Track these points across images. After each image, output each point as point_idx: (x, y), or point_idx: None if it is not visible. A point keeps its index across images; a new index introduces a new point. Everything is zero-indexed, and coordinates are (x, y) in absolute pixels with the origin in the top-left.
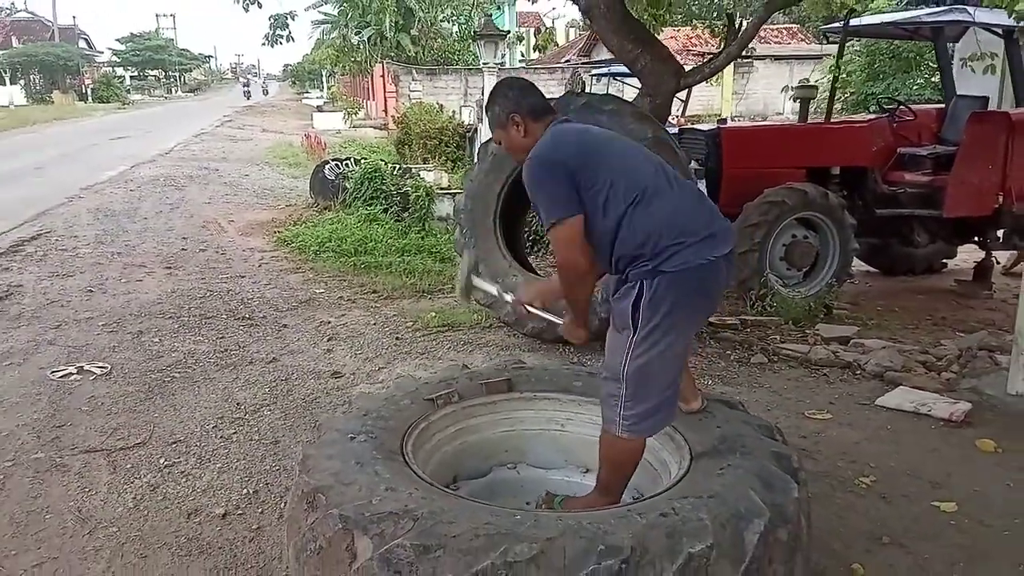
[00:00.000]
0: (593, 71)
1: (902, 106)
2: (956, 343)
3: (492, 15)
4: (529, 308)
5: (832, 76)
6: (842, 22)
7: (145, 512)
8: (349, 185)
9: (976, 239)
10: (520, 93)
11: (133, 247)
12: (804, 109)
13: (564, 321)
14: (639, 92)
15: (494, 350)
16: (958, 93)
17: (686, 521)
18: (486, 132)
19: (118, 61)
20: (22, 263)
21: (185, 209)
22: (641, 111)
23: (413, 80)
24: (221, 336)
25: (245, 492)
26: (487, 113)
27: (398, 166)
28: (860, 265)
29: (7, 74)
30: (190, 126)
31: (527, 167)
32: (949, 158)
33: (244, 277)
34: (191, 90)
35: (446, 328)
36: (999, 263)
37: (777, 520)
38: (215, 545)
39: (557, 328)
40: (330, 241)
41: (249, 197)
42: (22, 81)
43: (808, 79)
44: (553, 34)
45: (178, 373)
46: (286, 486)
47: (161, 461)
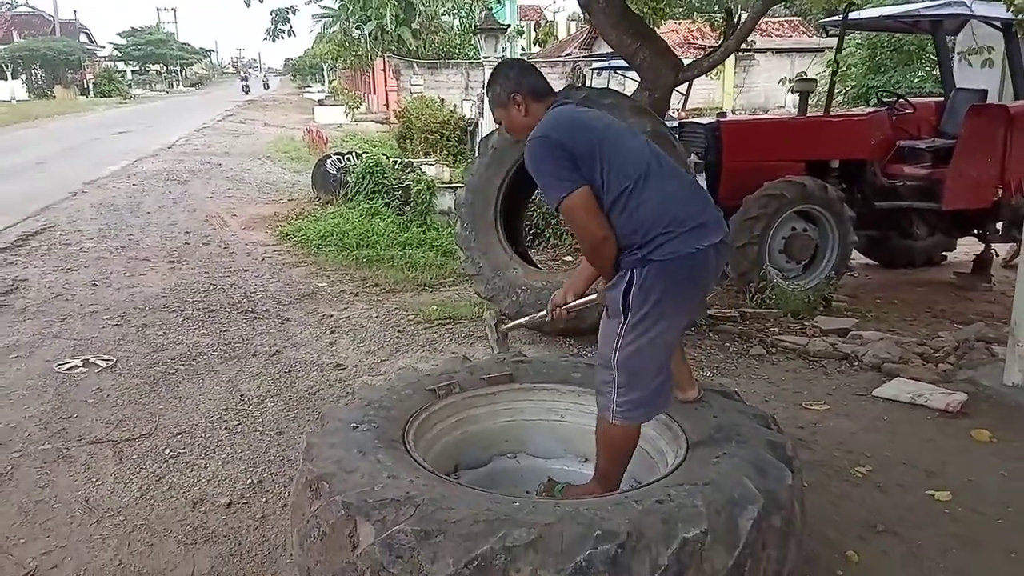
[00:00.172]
0: (594, 65)
1: (901, 99)
2: (953, 335)
3: (493, 9)
4: (566, 308)
5: (831, 69)
6: (842, 15)
7: (151, 501)
8: (351, 179)
9: (975, 232)
10: (521, 73)
11: (136, 241)
12: (803, 102)
13: (599, 291)
14: (638, 86)
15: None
16: (957, 86)
17: (681, 507)
18: (487, 126)
19: (119, 55)
20: (27, 257)
21: (188, 203)
22: (640, 105)
23: (414, 74)
24: (225, 329)
25: (249, 482)
26: (488, 93)
27: (399, 160)
28: (859, 258)
29: (8, 69)
30: (192, 120)
31: (528, 148)
32: (948, 151)
33: (247, 271)
34: (192, 84)
35: (447, 321)
36: (998, 255)
37: (771, 506)
38: (220, 533)
39: (595, 301)
40: (332, 235)
41: (251, 191)
42: (23, 76)
43: (806, 72)
44: (554, 28)
45: (183, 366)
46: (290, 476)
47: (167, 452)
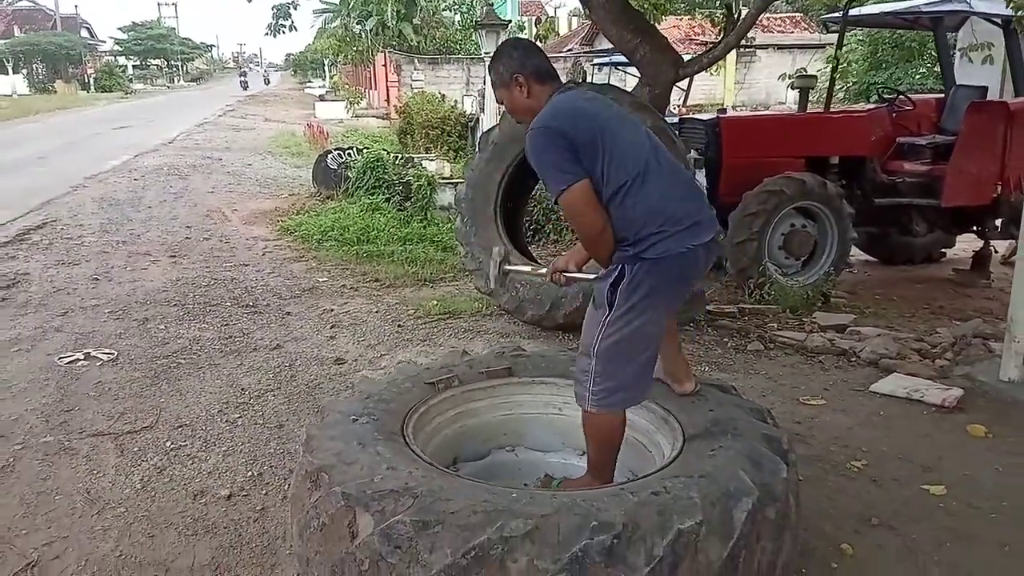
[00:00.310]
0: (595, 61)
1: (901, 96)
2: (951, 331)
3: (494, 4)
4: (567, 275)
5: (832, 66)
6: (842, 11)
7: (152, 493)
8: (352, 174)
9: (974, 228)
10: (524, 53)
11: (138, 236)
12: (803, 99)
13: (600, 276)
14: (638, 82)
15: (495, 337)
16: (958, 83)
17: (677, 499)
18: (488, 121)
19: (120, 50)
20: (28, 251)
21: (189, 198)
22: (640, 101)
23: (415, 69)
24: (225, 323)
25: (250, 474)
26: (490, 72)
27: (400, 155)
28: (859, 254)
29: (9, 63)
30: (193, 115)
31: (529, 139)
32: (948, 148)
33: (248, 265)
34: (193, 79)
35: (447, 316)
36: (997, 252)
37: (765, 499)
38: (220, 525)
39: (591, 282)
40: (333, 230)
41: (252, 186)
42: (24, 70)
43: (806, 68)
44: (555, 23)
45: (183, 359)
46: (290, 468)
47: (167, 444)
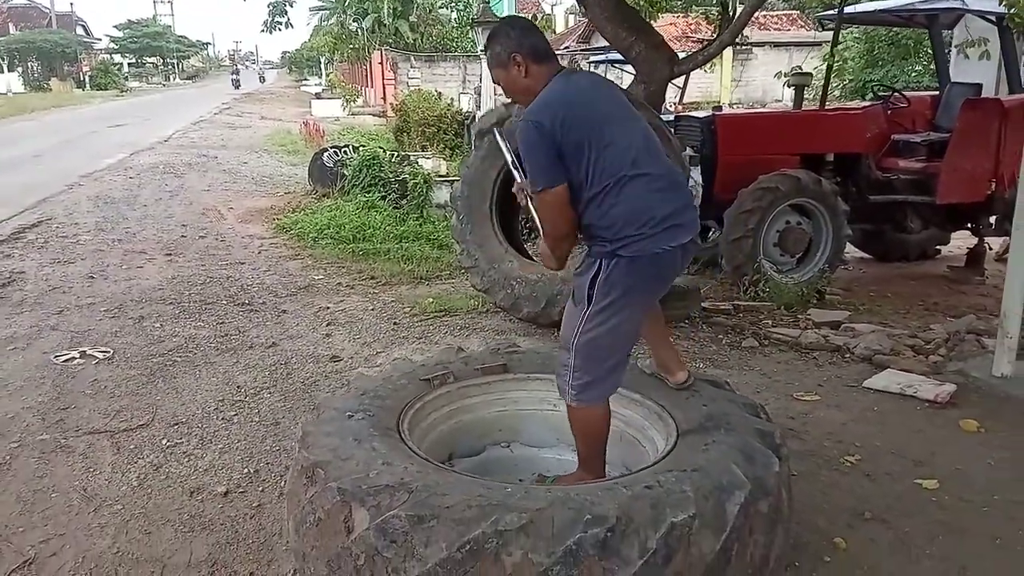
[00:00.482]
0: (591, 58)
1: (896, 93)
2: (945, 327)
3: (490, 2)
4: (528, 197)
5: (827, 63)
6: (837, 9)
7: (149, 490)
8: (347, 172)
9: (969, 225)
10: (522, 33)
11: (133, 234)
12: (798, 96)
13: (542, 247)
14: (634, 79)
15: (490, 334)
16: (953, 80)
17: (670, 493)
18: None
19: (116, 48)
20: (24, 250)
21: (184, 196)
22: (635, 98)
23: (411, 67)
24: (221, 321)
25: (246, 471)
26: (486, 53)
27: (396, 153)
28: (854, 251)
29: (4, 61)
30: (188, 113)
31: (521, 129)
32: (943, 145)
33: (244, 264)
34: (189, 77)
35: (443, 313)
36: (992, 249)
37: (758, 492)
38: (217, 522)
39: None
40: (329, 228)
41: (248, 184)
42: (19, 68)
43: (801, 66)
44: (552, 21)
45: (179, 357)
46: (286, 465)
47: (164, 442)
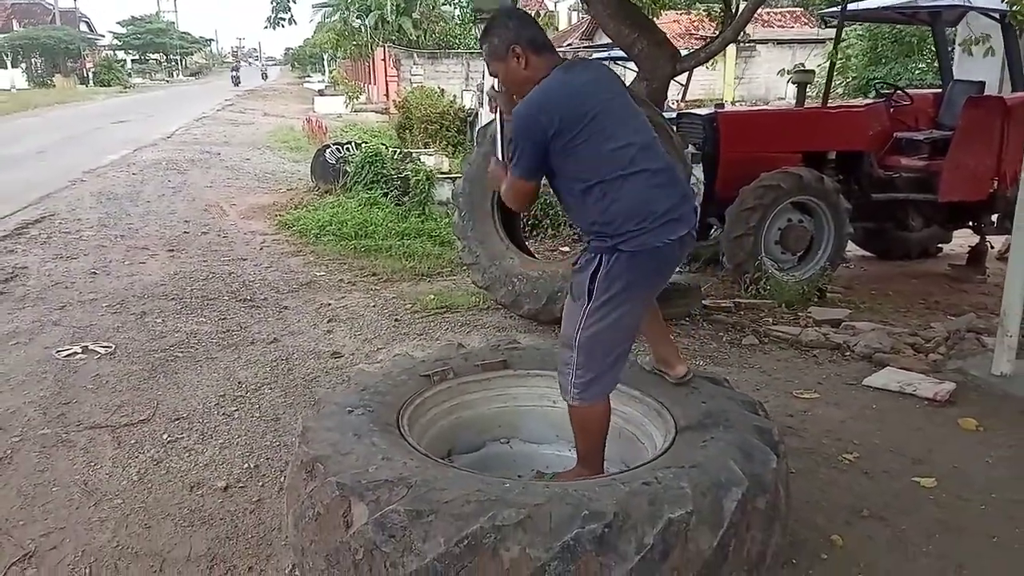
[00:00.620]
0: (594, 55)
1: (899, 91)
2: (945, 325)
3: None
4: (496, 100)
5: (830, 61)
6: (840, 6)
7: (149, 485)
8: (350, 169)
9: (971, 223)
10: (520, 24)
11: (136, 230)
12: (801, 93)
13: (492, 166)
14: (636, 76)
15: (491, 331)
16: (957, 78)
17: (667, 489)
18: (486, 116)
19: (119, 44)
20: (26, 245)
21: (187, 192)
22: (637, 95)
23: (414, 64)
24: (223, 317)
25: (246, 466)
26: (483, 45)
27: (399, 150)
28: (856, 249)
29: (8, 57)
30: (191, 110)
31: (517, 115)
32: (945, 143)
33: (246, 260)
34: (192, 74)
35: (444, 310)
36: (993, 247)
37: (755, 489)
38: (217, 516)
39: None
40: (331, 224)
41: (250, 181)
42: (23, 64)
43: (804, 63)
44: (555, 18)
45: (181, 353)
46: (286, 460)
47: (164, 437)
